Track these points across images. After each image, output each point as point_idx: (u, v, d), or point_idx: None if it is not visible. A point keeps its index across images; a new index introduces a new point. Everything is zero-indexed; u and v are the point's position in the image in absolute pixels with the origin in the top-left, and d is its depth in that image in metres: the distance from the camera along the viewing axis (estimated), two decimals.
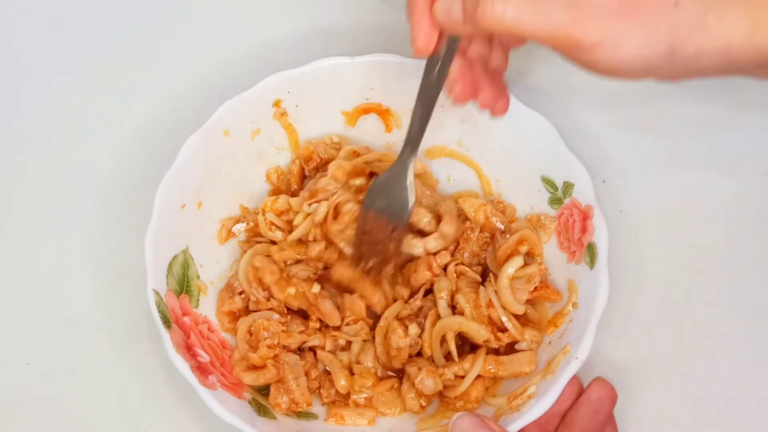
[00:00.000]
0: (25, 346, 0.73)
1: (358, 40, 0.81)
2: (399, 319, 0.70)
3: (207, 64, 0.83)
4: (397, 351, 0.68)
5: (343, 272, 0.69)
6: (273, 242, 0.72)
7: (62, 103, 0.82)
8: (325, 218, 0.69)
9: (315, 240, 0.70)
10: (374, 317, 0.70)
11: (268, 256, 0.70)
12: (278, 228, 0.71)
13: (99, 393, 0.71)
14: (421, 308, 0.70)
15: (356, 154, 0.73)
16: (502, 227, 0.71)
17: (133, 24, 0.85)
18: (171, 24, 0.85)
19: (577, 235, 0.68)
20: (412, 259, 0.71)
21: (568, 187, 0.69)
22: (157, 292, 0.65)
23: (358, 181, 0.71)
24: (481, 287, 0.69)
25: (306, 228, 0.70)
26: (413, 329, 0.68)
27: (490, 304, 0.68)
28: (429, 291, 0.71)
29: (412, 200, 0.68)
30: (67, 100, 0.82)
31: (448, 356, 0.69)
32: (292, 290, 0.69)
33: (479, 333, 0.67)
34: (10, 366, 0.72)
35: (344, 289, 0.71)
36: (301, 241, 0.71)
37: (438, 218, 0.70)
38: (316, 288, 0.69)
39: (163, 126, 0.80)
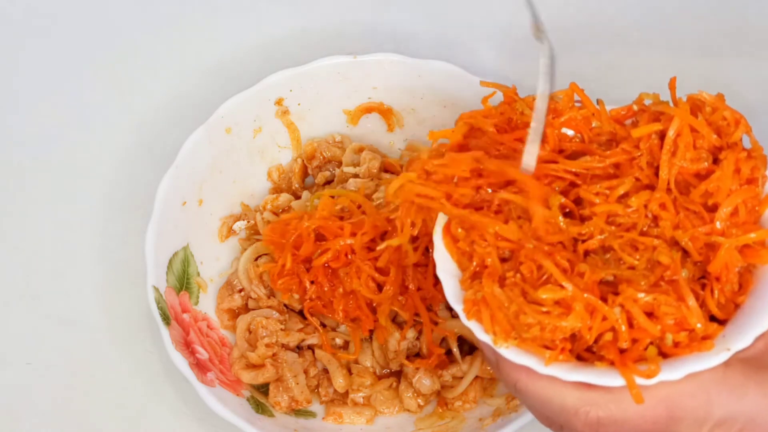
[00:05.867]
0: (25, 346, 0.72)
1: (361, 39, 0.82)
2: (396, 322, 0.69)
3: (208, 63, 0.83)
4: (395, 354, 0.68)
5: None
6: None
7: (62, 102, 0.82)
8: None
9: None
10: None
11: (267, 254, 0.70)
12: None
13: (99, 392, 0.71)
14: None
15: (362, 149, 0.73)
16: None
17: (133, 23, 0.86)
18: (172, 22, 0.86)
19: None
20: None
21: None
22: (156, 289, 0.65)
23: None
24: None
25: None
26: (410, 333, 0.68)
27: None
28: None
29: None
30: (67, 99, 0.82)
31: (446, 354, 0.69)
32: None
33: None
34: (10, 366, 0.72)
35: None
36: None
37: None
38: None
39: (163, 124, 0.80)
